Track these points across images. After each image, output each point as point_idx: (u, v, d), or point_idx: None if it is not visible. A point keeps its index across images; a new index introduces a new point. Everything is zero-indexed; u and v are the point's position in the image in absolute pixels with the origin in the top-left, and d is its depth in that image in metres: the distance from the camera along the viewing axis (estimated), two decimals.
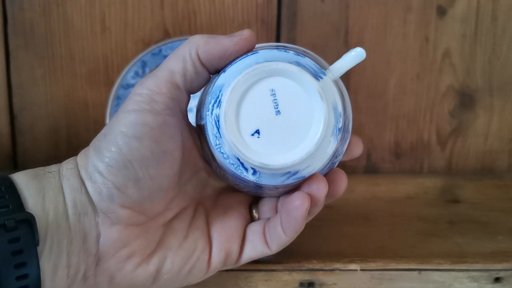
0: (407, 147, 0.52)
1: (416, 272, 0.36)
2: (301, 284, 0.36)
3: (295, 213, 0.32)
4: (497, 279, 0.37)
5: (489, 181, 0.51)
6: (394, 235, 0.41)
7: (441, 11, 0.50)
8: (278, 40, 0.50)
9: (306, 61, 0.32)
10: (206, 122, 0.32)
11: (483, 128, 0.52)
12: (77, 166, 0.32)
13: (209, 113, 0.31)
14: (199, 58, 0.32)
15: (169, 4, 0.49)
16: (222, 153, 0.31)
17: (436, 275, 0.36)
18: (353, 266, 0.36)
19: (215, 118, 0.31)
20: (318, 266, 0.36)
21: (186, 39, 0.33)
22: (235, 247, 0.34)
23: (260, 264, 0.36)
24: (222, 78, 0.32)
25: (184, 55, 0.32)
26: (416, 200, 0.48)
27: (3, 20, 0.48)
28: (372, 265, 0.36)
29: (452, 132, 0.52)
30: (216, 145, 0.31)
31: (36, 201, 0.30)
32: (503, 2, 0.50)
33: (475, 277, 0.37)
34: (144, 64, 0.48)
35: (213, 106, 0.31)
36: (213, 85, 0.32)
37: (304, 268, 0.36)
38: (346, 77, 0.51)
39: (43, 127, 0.50)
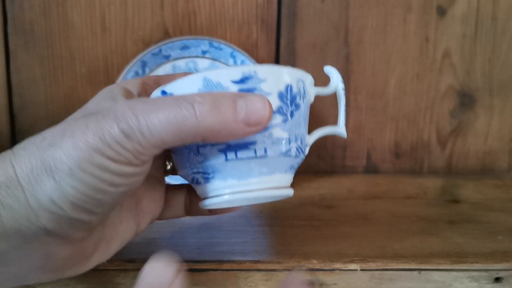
0: (407, 147, 0.52)
1: (416, 272, 0.36)
2: None
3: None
4: (497, 279, 0.37)
5: (489, 181, 0.51)
6: (394, 235, 0.41)
7: (441, 11, 0.50)
8: (278, 41, 0.50)
9: None
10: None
11: (483, 128, 0.52)
12: (23, 190, 0.27)
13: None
14: None
15: (169, 4, 0.49)
16: None
17: (436, 275, 0.36)
18: (353, 266, 0.36)
19: None
20: (318, 266, 0.36)
21: (186, 39, 0.33)
22: (158, 213, 0.36)
23: (260, 264, 0.36)
24: None
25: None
26: (416, 200, 0.48)
27: (3, 20, 0.48)
28: (372, 265, 0.36)
29: (452, 132, 0.52)
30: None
31: None
32: (503, 2, 0.50)
33: (475, 277, 0.36)
34: (144, 64, 0.48)
35: None
36: None
37: (304, 268, 0.36)
38: (346, 77, 0.51)
39: (43, 127, 0.50)
